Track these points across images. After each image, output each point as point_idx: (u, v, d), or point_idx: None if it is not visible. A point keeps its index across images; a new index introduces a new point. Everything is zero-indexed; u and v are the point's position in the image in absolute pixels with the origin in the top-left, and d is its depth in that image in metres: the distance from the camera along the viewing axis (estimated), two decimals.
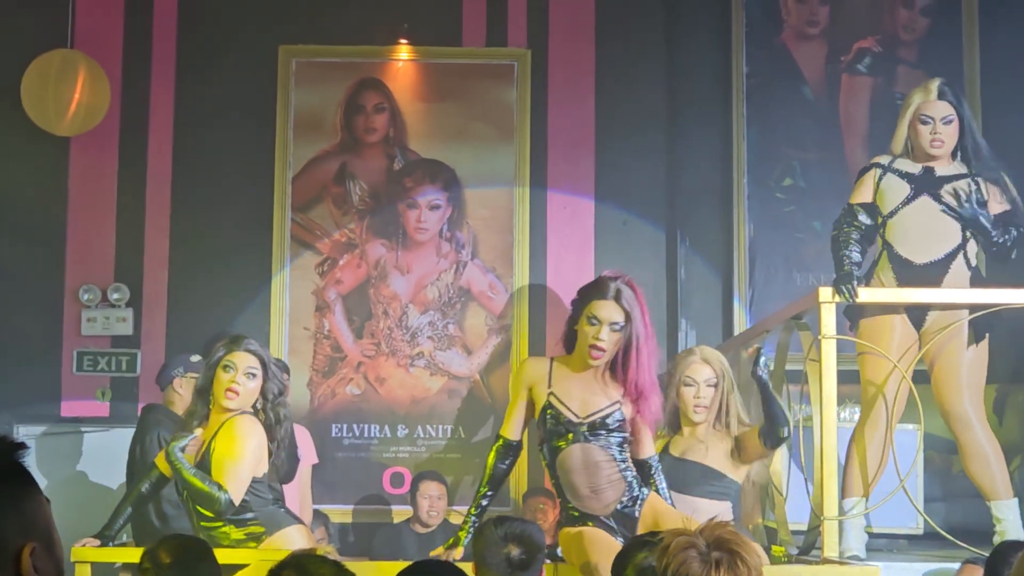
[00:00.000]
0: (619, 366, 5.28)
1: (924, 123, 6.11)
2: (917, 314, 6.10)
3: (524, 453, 5.65)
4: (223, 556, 5.26)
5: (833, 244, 6.16)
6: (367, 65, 8.81)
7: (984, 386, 6.13)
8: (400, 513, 8.17)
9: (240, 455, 5.44)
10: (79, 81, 7.93)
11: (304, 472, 7.40)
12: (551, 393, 5.32)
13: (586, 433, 5.27)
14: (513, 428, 5.45)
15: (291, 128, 8.71)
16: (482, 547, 4.25)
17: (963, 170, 6.16)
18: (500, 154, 8.74)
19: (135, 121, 8.69)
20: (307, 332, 8.61)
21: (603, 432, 5.28)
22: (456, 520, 8.01)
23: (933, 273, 6.09)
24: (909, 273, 6.11)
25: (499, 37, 8.84)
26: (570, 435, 5.27)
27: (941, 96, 6.13)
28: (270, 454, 5.58)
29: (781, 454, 6.28)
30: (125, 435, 7.78)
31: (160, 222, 8.66)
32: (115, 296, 8.51)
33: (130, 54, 8.73)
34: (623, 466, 5.27)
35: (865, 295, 5.88)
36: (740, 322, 8.51)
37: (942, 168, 6.15)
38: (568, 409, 5.29)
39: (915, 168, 6.15)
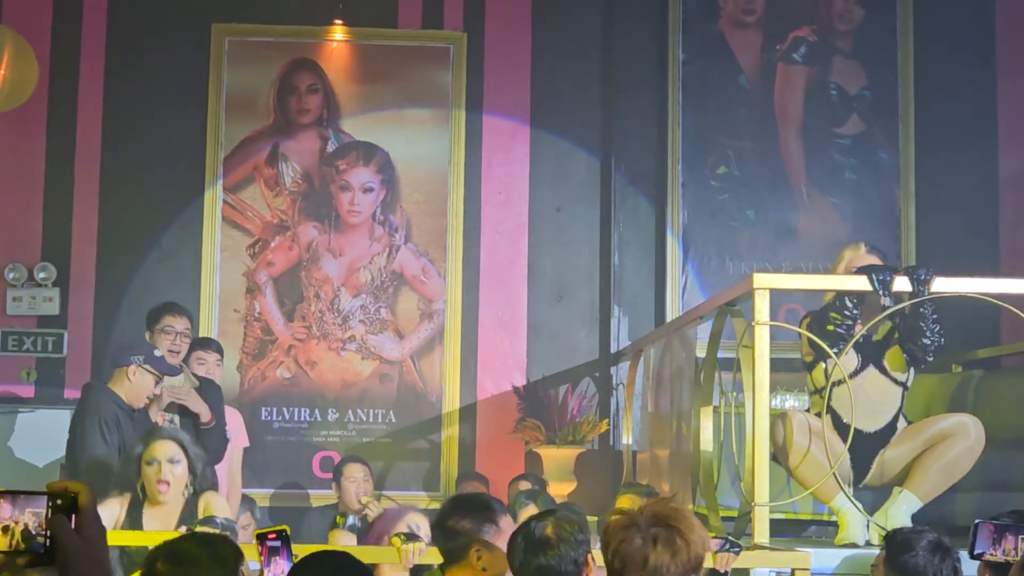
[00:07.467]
0: None
1: None
2: None
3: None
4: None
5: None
6: (301, 45, 8.73)
7: None
8: (329, 497, 8.10)
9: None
10: (5, 56, 7.77)
11: (235, 453, 7.34)
12: None
13: None
14: None
15: (223, 107, 8.62)
16: None
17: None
18: (435, 137, 8.69)
19: (64, 98, 8.54)
20: (237, 314, 8.52)
21: None
22: (385, 504, 7.95)
23: (880, 440, 5.83)
24: (856, 441, 5.69)
25: (435, 20, 8.78)
26: None
27: (869, 251, 5.93)
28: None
29: (712, 439, 6.28)
30: (50, 416, 7.68)
31: (89, 201, 8.52)
32: (41, 275, 8.38)
33: (59, 29, 8.58)
34: None
35: (900, 284, 5.54)
36: (673, 309, 8.51)
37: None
38: None
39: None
